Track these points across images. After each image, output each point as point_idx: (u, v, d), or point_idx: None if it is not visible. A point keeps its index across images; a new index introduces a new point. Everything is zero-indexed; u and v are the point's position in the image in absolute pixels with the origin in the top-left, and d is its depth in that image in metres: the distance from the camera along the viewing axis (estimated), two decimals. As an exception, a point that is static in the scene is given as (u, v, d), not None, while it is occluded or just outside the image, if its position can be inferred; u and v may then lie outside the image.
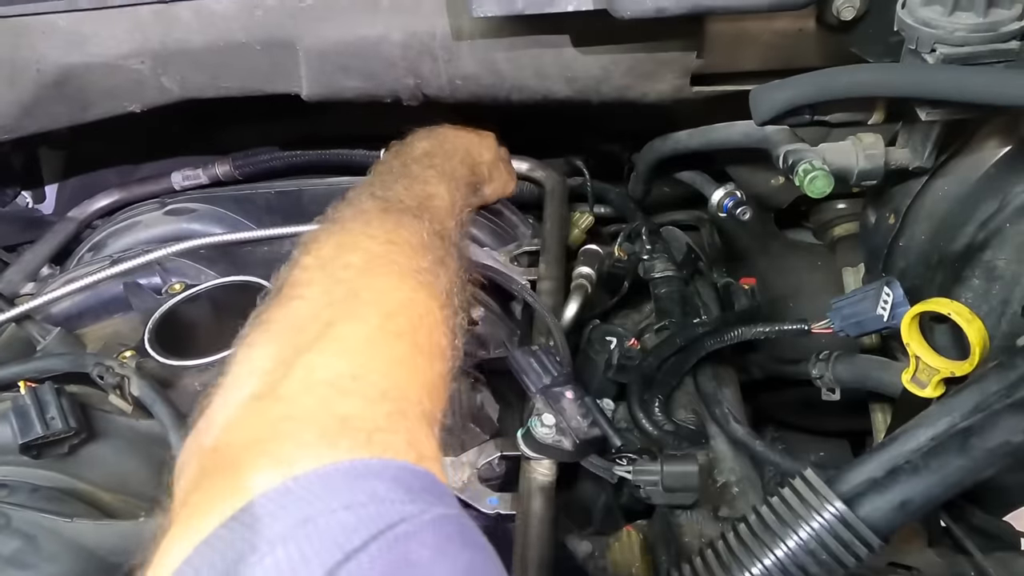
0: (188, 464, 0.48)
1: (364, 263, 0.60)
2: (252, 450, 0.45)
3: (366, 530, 0.39)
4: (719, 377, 1.00)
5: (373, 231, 0.64)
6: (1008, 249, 0.79)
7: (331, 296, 0.56)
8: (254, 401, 0.49)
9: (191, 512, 0.42)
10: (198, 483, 0.45)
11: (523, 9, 0.81)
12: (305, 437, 0.45)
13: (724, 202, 1.07)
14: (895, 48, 0.78)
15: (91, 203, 1.21)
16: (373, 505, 0.41)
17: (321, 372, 0.50)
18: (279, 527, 0.39)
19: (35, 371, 0.80)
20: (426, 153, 0.85)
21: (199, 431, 0.50)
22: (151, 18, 0.90)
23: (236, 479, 0.43)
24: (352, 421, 0.47)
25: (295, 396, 0.48)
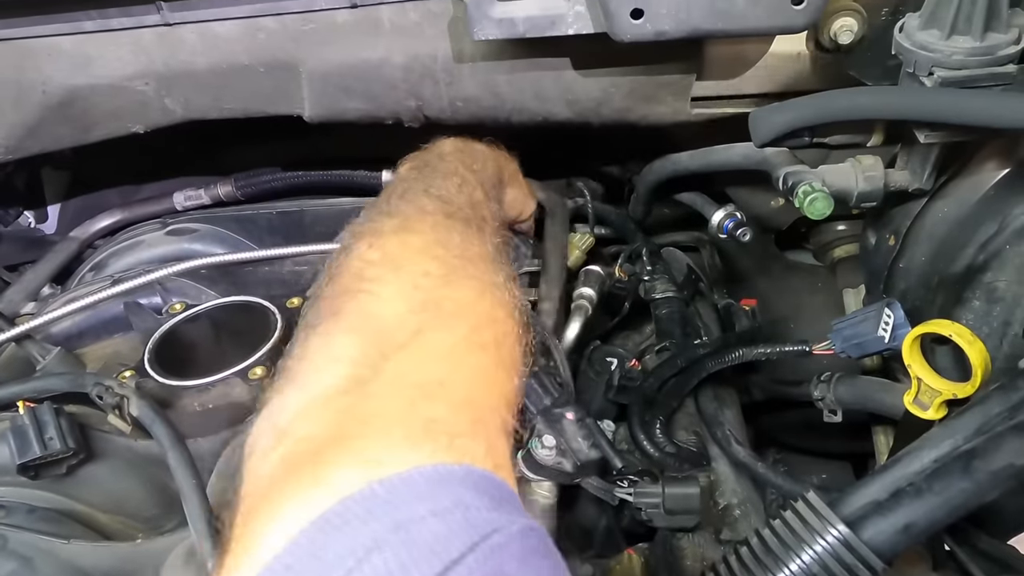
0: (262, 443, 0.48)
1: (443, 274, 0.60)
2: (338, 446, 0.45)
3: (459, 540, 0.39)
4: (720, 398, 1.00)
5: (444, 240, 0.64)
6: (1008, 271, 0.79)
7: (412, 302, 0.56)
8: (340, 396, 0.49)
9: (277, 502, 0.42)
10: (282, 471, 0.44)
11: (524, 32, 0.82)
12: (391, 438, 0.46)
13: (724, 223, 1.07)
14: (893, 71, 0.78)
15: (93, 223, 1.22)
16: (460, 512, 0.41)
17: (411, 376, 0.50)
18: (371, 532, 0.39)
19: (34, 391, 0.80)
20: (459, 149, 0.84)
21: (274, 411, 0.50)
22: (155, 40, 0.91)
23: (322, 474, 0.43)
24: (437, 425, 0.47)
25: (384, 396, 0.49)
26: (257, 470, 0.47)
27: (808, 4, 0.75)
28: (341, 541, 0.39)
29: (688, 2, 0.76)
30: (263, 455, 0.47)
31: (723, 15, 0.77)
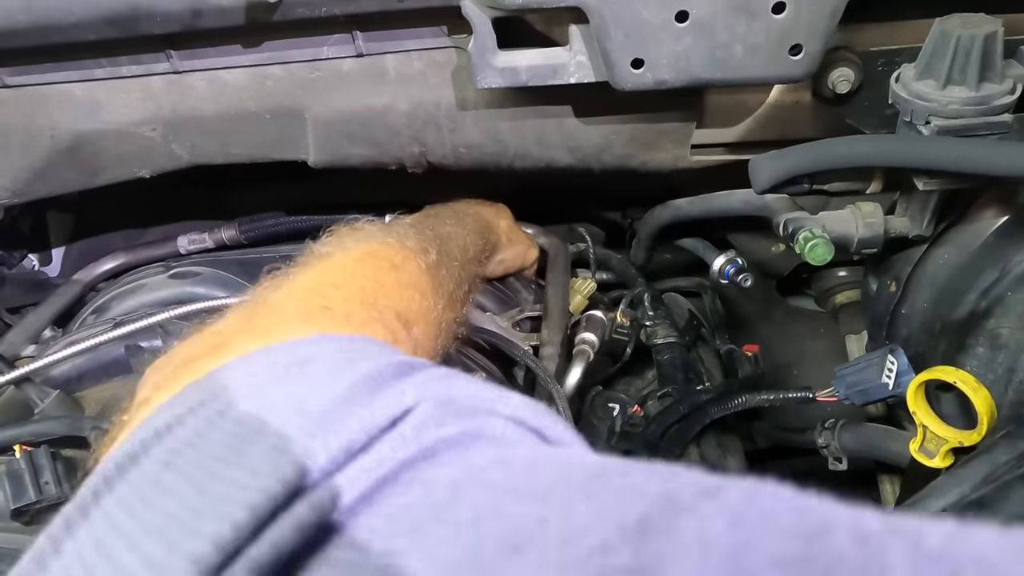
0: (154, 372, 0.49)
1: (358, 236, 0.64)
2: (235, 334, 0.46)
3: (389, 365, 0.38)
4: (724, 445, 0.98)
5: (371, 228, 0.67)
6: (1011, 317, 0.79)
7: (319, 253, 0.60)
8: (236, 314, 0.50)
9: (173, 381, 0.42)
10: (176, 366, 0.45)
11: (526, 81, 0.84)
12: (286, 316, 0.47)
13: (725, 269, 1.07)
14: (890, 120, 0.79)
15: (96, 266, 1.22)
16: (366, 347, 0.42)
17: (303, 284, 0.53)
18: (271, 359, 0.39)
19: (31, 434, 0.79)
20: (437, 212, 0.88)
21: (167, 356, 0.50)
22: (164, 87, 0.92)
23: (218, 355, 0.42)
24: (331, 309, 0.49)
25: (279, 301, 0.50)
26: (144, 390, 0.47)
27: (805, 55, 0.77)
28: (235, 373, 0.37)
29: (687, 52, 0.77)
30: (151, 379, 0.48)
31: (722, 65, 0.78)
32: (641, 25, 0.76)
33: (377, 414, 0.33)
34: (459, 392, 0.36)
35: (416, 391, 0.35)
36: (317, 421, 0.32)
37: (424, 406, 0.34)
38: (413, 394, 0.35)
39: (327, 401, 0.34)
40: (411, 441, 0.32)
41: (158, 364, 0.51)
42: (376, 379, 0.36)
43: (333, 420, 0.33)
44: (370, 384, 0.36)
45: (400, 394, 0.35)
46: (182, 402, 0.36)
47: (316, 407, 0.33)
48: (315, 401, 0.34)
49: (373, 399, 0.34)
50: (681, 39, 0.77)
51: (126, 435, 0.38)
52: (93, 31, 0.82)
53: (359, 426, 0.32)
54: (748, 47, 0.77)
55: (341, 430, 0.32)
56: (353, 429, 0.32)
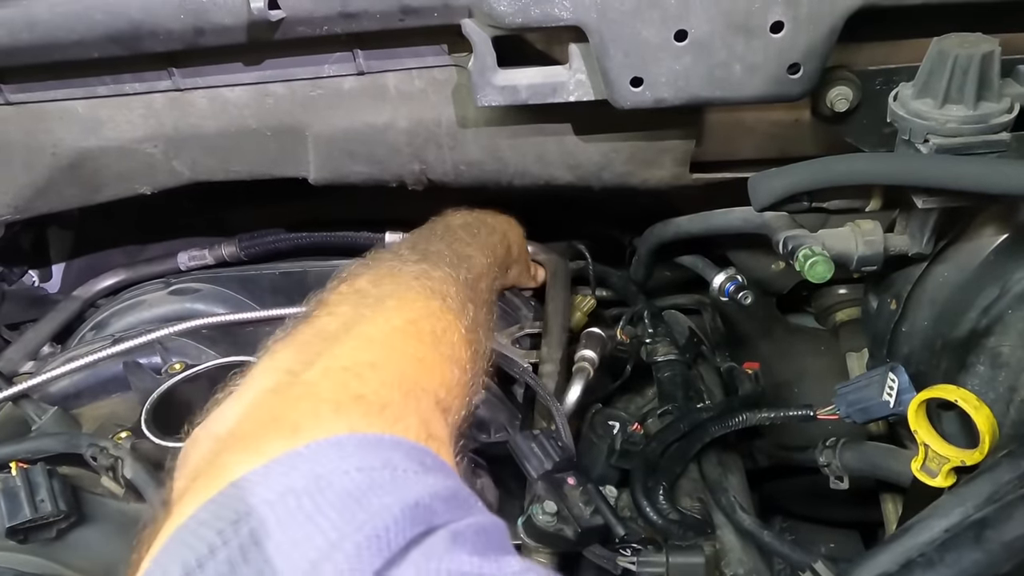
0: (191, 452, 0.48)
1: (397, 285, 0.62)
2: (266, 427, 0.45)
3: (387, 496, 0.38)
4: (724, 464, 0.98)
5: (408, 267, 0.66)
6: (1012, 336, 0.79)
7: (359, 309, 0.57)
8: (271, 393, 0.49)
9: (209, 477, 0.41)
10: (208, 463, 0.44)
11: (526, 99, 0.84)
12: (319, 411, 0.46)
13: (726, 286, 1.07)
14: (889, 138, 0.80)
15: (96, 282, 1.22)
16: (388, 471, 0.41)
17: (342, 361, 0.51)
18: (288, 481, 0.39)
19: (28, 451, 0.79)
20: (468, 224, 0.87)
21: (208, 422, 0.49)
22: (166, 104, 0.93)
23: (248, 451, 0.42)
24: (367, 397, 0.48)
25: (313, 382, 0.49)
26: (180, 480, 0.47)
27: (804, 74, 0.77)
28: (258, 492, 0.38)
29: (687, 71, 0.78)
30: (189, 461, 0.47)
31: (721, 84, 0.79)
32: (640, 44, 0.77)
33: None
34: (460, 567, 0.37)
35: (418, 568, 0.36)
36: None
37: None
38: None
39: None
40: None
41: (196, 437, 0.50)
42: (381, 538, 0.37)
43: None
44: (373, 547, 0.36)
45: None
46: (208, 526, 0.37)
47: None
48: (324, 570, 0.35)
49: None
50: (680, 58, 0.77)
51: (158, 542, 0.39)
52: (96, 49, 0.82)
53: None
54: (747, 66, 0.77)
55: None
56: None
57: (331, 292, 0.62)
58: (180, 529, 0.38)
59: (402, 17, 0.79)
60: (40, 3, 0.79)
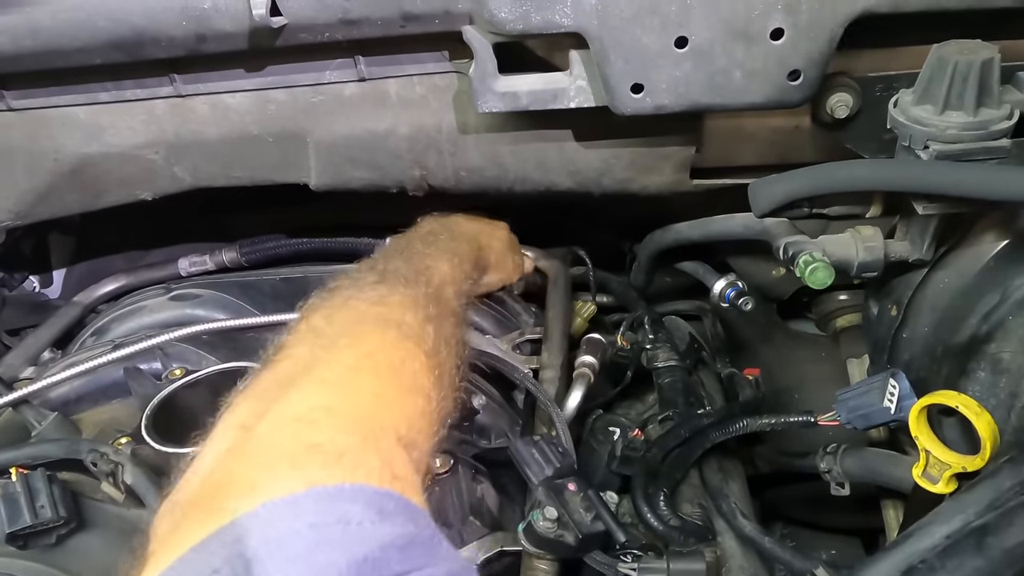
0: (164, 518, 0.48)
1: (351, 320, 0.62)
2: (227, 487, 0.45)
3: (334, 553, 0.39)
4: (725, 470, 0.98)
5: (364, 295, 0.66)
6: (1013, 342, 0.78)
7: (313, 351, 0.57)
8: (228, 452, 0.49)
9: (166, 548, 0.42)
10: (175, 527, 0.44)
11: (527, 106, 0.84)
12: (276, 468, 0.46)
13: (726, 292, 1.07)
14: (889, 145, 0.80)
15: (97, 288, 1.22)
16: (340, 527, 0.41)
17: (293, 408, 0.51)
18: (237, 550, 0.39)
19: (28, 457, 0.79)
20: (431, 232, 0.88)
21: (175, 491, 0.49)
22: (168, 110, 0.93)
23: (211, 512, 0.43)
24: (322, 447, 0.47)
25: (267, 434, 0.49)
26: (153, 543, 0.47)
27: (804, 80, 0.78)
28: (209, 562, 0.39)
29: (687, 77, 0.78)
30: (162, 526, 0.47)
31: (721, 90, 0.79)
32: (641, 51, 0.77)
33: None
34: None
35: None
36: None
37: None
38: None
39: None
40: None
41: (164, 511, 0.50)
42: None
43: None
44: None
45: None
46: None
47: None
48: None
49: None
50: (680, 65, 0.77)
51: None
52: (99, 55, 0.83)
53: None
54: (747, 73, 0.78)
55: None
56: None
57: (291, 333, 0.61)
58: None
59: (403, 24, 0.80)
60: (43, 10, 0.79)
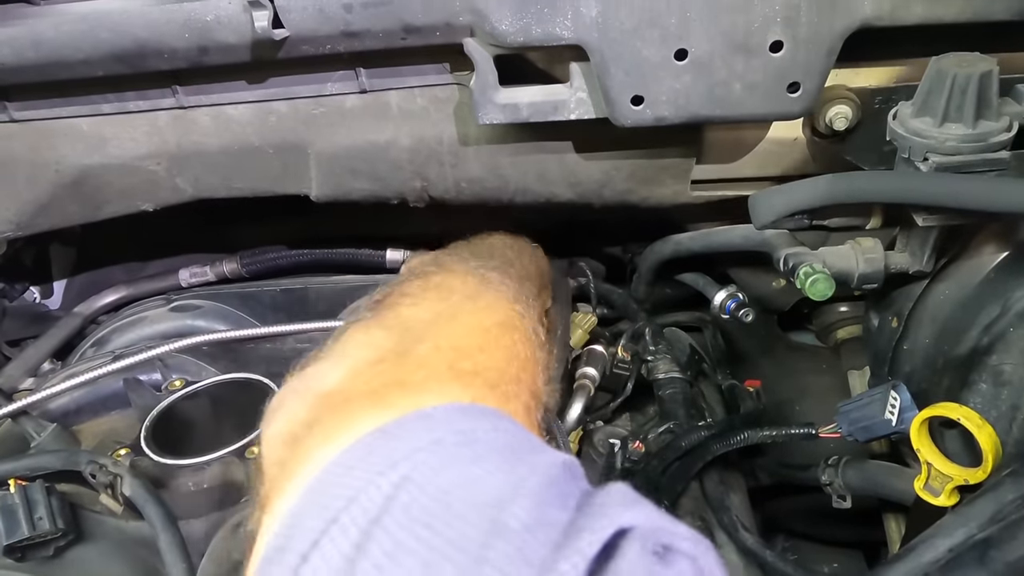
0: (289, 401, 0.47)
1: (482, 287, 0.63)
2: (389, 388, 0.44)
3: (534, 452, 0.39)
4: (726, 482, 0.97)
5: (488, 273, 0.66)
6: (1014, 354, 0.78)
7: (451, 302, 0.58)
8: (381, 363, 0.48)
9: (322, 434, 0.41)
10: (325, 414, 0.43)
11: (527, 117, 0.84)
12: (441, 378, 0.46)
13: (727, 304, 1.07)
14: (888, 157, 0.80)
15: (97, 299, 1.22)
16: (524, 436, 0.41)
17: (450, 341, 0.51)
18: (433, 436, 0.38)
19: (27, 468, 0.78)
20: (507, 244, 0.88)
21: (305, 378, 0.49)
22: (170, 122, 0.93)
23: (376, 406, 0.41)
24: (481, 375, 0.48)
25: (426, 356, 0.49)
26: (290, 422, 0.45)
27: (803, 92, 0.78)
28: (406, 440, 0.38)
29: (687, 89, 0.78)
30: (294, 415, 0.46)
31: (721, 102, 0.79)
32: (641, 63, 0.77)
33: (587, 547, 0.33)
34: (647, 522, 0.36)
35: (608, 518, 0.34)
36: (528, 558, 0.32)
37: (629, 548, 0.33)
38: (608, 523, 0.34)
39: (525, 517, 0.34)
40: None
41: (295, 388, 0.49)
42: (556, 483, 0.37)
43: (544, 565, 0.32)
44: (553, 492, 0.36)
45: (601, 519, 0.34)
46: (356, 472, 0.37)
47: (515, 523, 0.33)
48: (510, 513, 0.34)
49: (578, 528, 0.34)
50: (680, 77, 0.78)
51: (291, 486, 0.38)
52: (101, 67, 0.83)
53: (578, 561, 0.32)
54: (746, 85, 0.78)
55: (563, 567, 0.32)
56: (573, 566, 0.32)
57: (408, 284, 0.62)
58: (325, 472, 0.37)
59: (404, 36, 0.80)
60: (46, 21, 0.79)
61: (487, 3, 0.76)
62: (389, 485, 0.35)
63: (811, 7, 0.73)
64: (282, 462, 0.42)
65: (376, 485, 0.35)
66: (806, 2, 0.73)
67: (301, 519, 0.36)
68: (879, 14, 0.74)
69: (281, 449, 0.43)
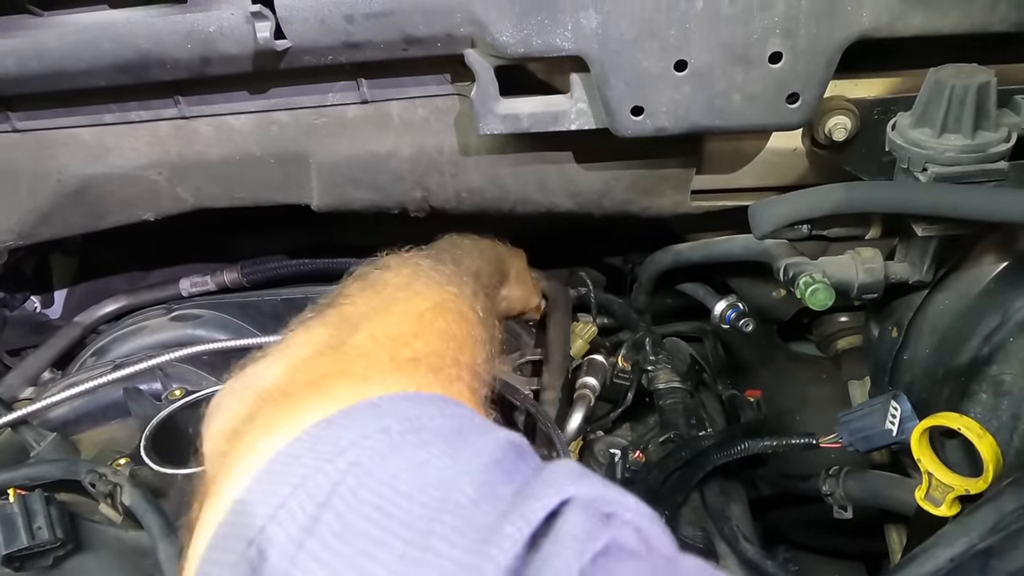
0: (227, 400, 0.48)
1: (415, 274, 0.64)
2: (327, 380, 0.44)
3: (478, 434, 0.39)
4: (727, 492, 0.97)
5: (420, 260, 0.67)
6: (1014, 364, 0.78)
7: (386, 292, 0.59)
8: (319, 356, 0.49)
9: (266, 425, 0.41)
10: (256, 413, 0.43)
11: (528, 128, 0.85)
12: (381, 365, 0.46)
13: (727, 314, 1.07)
14: (887, 167, 0.80)
15: (98, 308, 1.22)
16: (470, 419, 0.42)
17: (386, 331, 0.52)
18: (381, 424, 0.39)
19: (26, 478, 0.78)
20: (458, 244, 0.88)
21: (244, 378, 0.49)
22: (171, 132, 0.94)
23: (319, 396, 0.42)
24: (421, 361, 0.49)
25: (364, 345, 0.49)
26: (230, 418, 0.46)
27: (802, 103, 0.78)
28: (352, 429, 0.38)
29: (687, 100, 0.79)
30: (234, 412, 0.46)
31: (720, 112, 0.79)
32: (641, 74, 0.77)
33: (531, 514, 0.34)
34: (591, 492, 0.36)
35: (554, 488, 0.35)
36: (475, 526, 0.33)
37: (572, 513, 0.34)
38: (554, 492, 0.35)
39: (472, 492, 0.35)
40: (572, 560, 0.33)
41: (234, 388, 0.49)
42: (501, 463, 0.37)
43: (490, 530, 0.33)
44: (500, 470, 0.37)
45: (547, 488, 0.35)
46: (307, 459, 0.37)
47: (463, 498, 0.35)
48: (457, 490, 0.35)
49: (524, 496, 0.35)
50: (680, 87, 0.78)
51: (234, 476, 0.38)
52: (104, 77, 0.83)
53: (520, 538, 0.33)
54: (746, 95, 0.78)
55: (505, 544, 0.32)
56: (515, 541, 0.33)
57: (348, 286, 0.63)
58: (271, 463, 0.38)
59: (405, 47, 0.80)
60: (49, 32, 0.80)
61: (488, 14, 0.76)
62: (336, 471, 0.36)
63: (810, 19, 0.74)
64: (222, 454, 0.42)
65: (323, 472, 0.36)
66: (805, 14, 0.74)
67: (248, 506, 0.36)
68: (877, 25, 0.75)
69: (220, 444, 0.44)
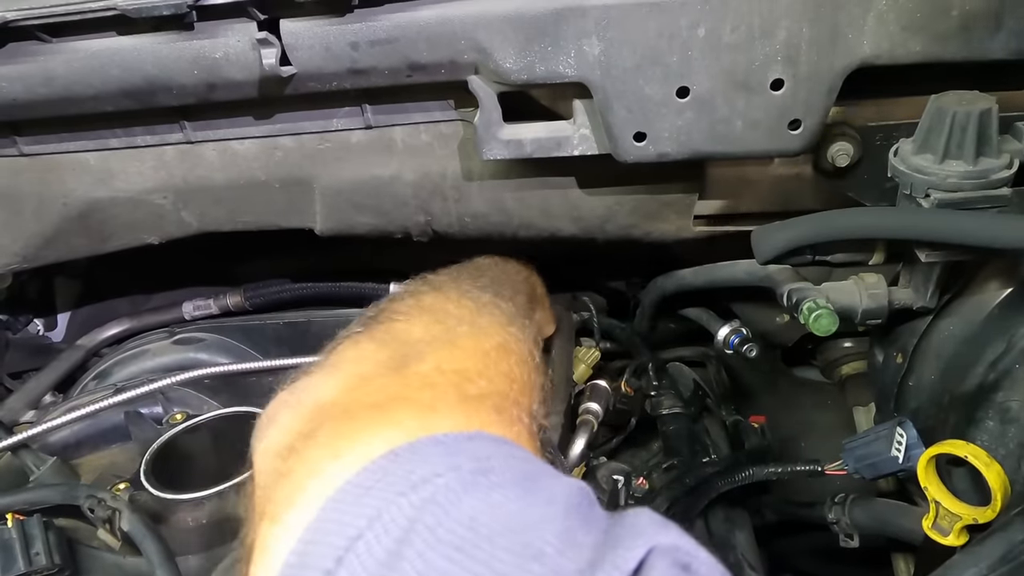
0: (283, 413, 0.47)
1: (478, 309, 0.62)
2: (392, 404, 0.43)
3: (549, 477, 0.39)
4: (732, 520, 0.96)
5: (482, 295, 0.66)
6: (1020, 390, 0.78)
7: (443, 327, 0.57)
8: (379, 377, 0.48)
9: (326, 449, 0.40)
10: (315, 430, 0.42)
11: (531, 153, 0.85)
12: (447, 398, 0.46)
13: (730, 339, 1.07)
14: (890, 193, 0.80)
15: (100, 331, 1.22)
16: (536, 464, 0.41)
17: (452, 364, 0.50)
18: (451, 462, 0.38)
19: (25, 502, 0.78)
20: (495, 264, 0.88)
21: (293, 392, 0.48)
22: (177, 156, 0.94)
23: (384, 424, 0.41)
24: (485, 400, 0.48)
25: (430, 375, 0.48)
26: (285, 433, 0.45)
27: (804, 129, 0.79)
28: (422, 465, 0.37)
29: (689, 126, 0.79)
30: (289, 427, 0.45)
31: (722, 138, 0.80)
32: (643, 100, 0.78)
33: (622, 563, 0.33)
34: (669, 541, 0.36)
35: (643, 537, 0.35)
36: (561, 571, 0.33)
37: (657, 561, 0.34)
38: (643, 542, 0.35)
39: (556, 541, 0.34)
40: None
41: (287, 400, 0.49)
42: (577, 508, 0.37)
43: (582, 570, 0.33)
44: (577, 516, 0.37)
45: (636, 538, 0.35)
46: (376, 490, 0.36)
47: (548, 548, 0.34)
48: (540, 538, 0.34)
49: (612, 545, 0.35)
50: (682, 114, 0.78)
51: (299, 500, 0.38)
52: (110, 103, 0.84)
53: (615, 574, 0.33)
54: (748, 122, 0.79)
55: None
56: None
57: (398, 303, 0.61)
58: (340, 492, 0.37)
59: (410, 73, 0.81)
60: (57, 59, 0.81)
61: (492, 42, 0.77)
62: (411, 507, 0.35)
63: (811, 46, 0.74)
64: (279, 472, 0.42)
65: (397, 505, 0.35)
66: (806, 41, 0.74)
67: (322, 535, 0.36)
68: (878, 53, 0.75)
69: (276, 461, 0.43)
